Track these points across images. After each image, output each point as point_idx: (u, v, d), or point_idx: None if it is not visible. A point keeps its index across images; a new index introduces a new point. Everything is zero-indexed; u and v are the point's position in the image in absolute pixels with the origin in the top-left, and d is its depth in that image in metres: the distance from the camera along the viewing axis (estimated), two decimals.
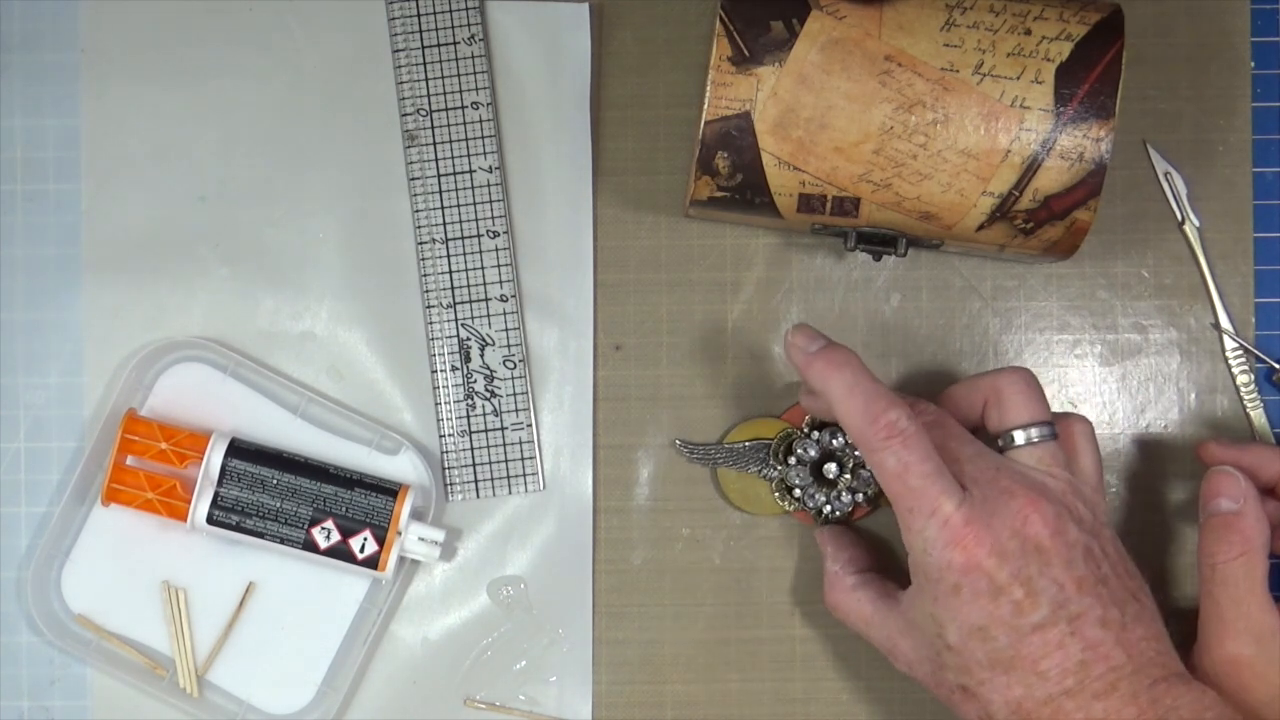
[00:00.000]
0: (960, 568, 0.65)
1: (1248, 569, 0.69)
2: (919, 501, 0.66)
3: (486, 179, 0.76)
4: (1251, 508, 0.69)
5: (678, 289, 0.77)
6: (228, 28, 0.76)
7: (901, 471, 0.66)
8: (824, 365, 0.68)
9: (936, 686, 0.68)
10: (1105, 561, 0.67)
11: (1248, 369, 0.77)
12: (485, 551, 0.77)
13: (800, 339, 0.69)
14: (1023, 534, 0.65)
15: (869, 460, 0.67)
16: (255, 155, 0.77)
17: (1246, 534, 0.69)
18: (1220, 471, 0.70)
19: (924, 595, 0.67)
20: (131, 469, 0.74)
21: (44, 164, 0.76)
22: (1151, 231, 0.77)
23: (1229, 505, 0.69)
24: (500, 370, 0.76)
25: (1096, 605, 0.65)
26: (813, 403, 0.74)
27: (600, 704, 0.76)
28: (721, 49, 0.68)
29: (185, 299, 0.76)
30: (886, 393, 0.67)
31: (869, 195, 0.69)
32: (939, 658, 0.67)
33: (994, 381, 0.70)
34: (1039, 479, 0.67)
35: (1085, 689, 0.65)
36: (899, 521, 0.67)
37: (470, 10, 0.76)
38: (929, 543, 0.66)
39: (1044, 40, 0.68)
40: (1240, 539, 0.69)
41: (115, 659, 0.75)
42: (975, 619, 0.65)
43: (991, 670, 0.66)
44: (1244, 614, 0.68)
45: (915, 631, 0.68)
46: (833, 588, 0.73)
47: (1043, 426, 0.69)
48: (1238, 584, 0.68)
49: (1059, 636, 0.65)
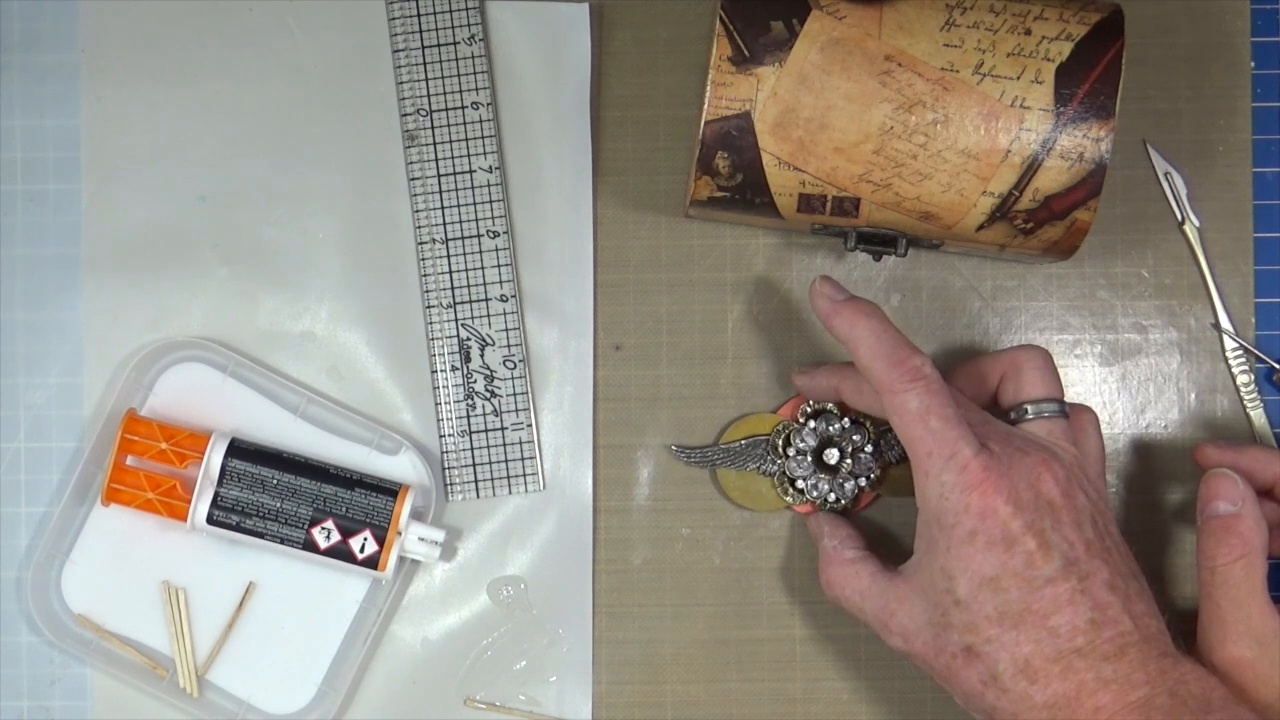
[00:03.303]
0: (977, 511, 0.65)
1: (1247, 571, 0.69)
2: (939, 444, 0.66)
3: (486, 179, 0.76)
4: (1250, 510, 0.69)
5: (678, 289, 0.77)
6: (228, 28, 0.76)
7: (924, 414, 0.66)
8: (852, 312, 0.69)
9: (936, 654, 0.68)
10: (1109, 536, 0.67)
11: (1248, 369, 0.77)
12: (485, 551, 0.77)
13: (827, 287, 0.70)
14: (1037, 488, 0.66)
15: (889, 404, 0.67)
16: (255, 155, 0.77)
17: (1245, 536, 0.69)
18: (1218, 474, 0.70)
19: (935, 547, 0.67)
20: (131, 469, 0.74)
21: (44, 164, 0.76)
22: (1151, 231, 0.77)
23: (1227, 508, 0.69)
24: (500, 370, 0.76)
25: (1104, 568, 0.66)
26: (809, 382, 0.74)
27: (600, 704, 0.76)
28: (721, 49, 0.68)
29: (185, 299, 0.76)
30: (909, 342, 0.68)
31: (869, 195, 0.69)
32: (945, 617, 0.67)
33: (1013, 356, 0.71)
34: (1050, 446, 0.68)
35: (1095, 649, 0.65)
36: (914, 469, 0.67)
37: (470, 10, 0.76)
38: (946, 486, 0.66)
39: (1044, 40, 0.68)
40: (1239, 541, 0.69)
41: (115, 659, 0.75)
42: (987, 569, 0.65)
43: (1000, 625, 0.65)
44: (1244, 616, 0.68)
45: (918, 596, 0.68)
46: (830, 562, 0.72)
47: (1056, 403, 0.70)
48: (1238, 586, 0.68)
49: (1069, 592, 0.65)
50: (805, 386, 0.75)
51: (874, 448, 0.75)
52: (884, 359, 0.68)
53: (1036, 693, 0.65)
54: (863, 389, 0.72)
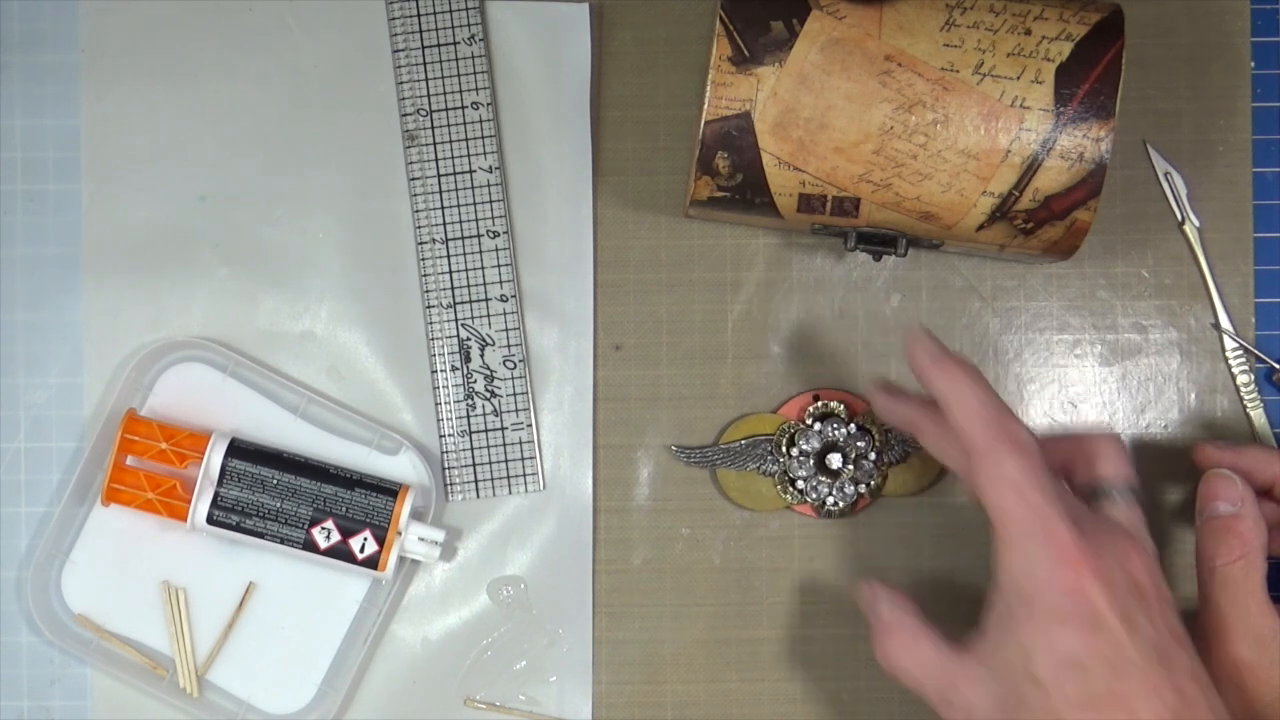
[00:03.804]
0: (1065, 588, 0.63)
1: (1247, 571, 0.68)
2: (1033, 518, 0.63)
3: (486, 179, 0.76)
4: (1249, 510, 0.69)
5: (678, 289, 0.77)
6: (228, 28, 0.76)
7: (1019, 484, 0.64)
8: (954, 369, 0.66)
9: None
10: (1181, 627, 0.65)
11: (1248, 369, 0.77)
12: (485, 551, 0.77)
13: (927, 341, 0.67)
14: (1127, 570, 0.64)
15: (981, 468, 0.65)
16: (255, 155, 0.77)
17: (1245, 537, 0.69)
18: (1217, 474, 0.70)
19: (1014, 622, 0.64)
20: (131, 469, 0.74)
21: (44, 164, 0.76)
22: (1151, 231, 0.77)
23: (1227, 508, 0.69)
24: (500, 370, 0.76)
25: (1186, 658, 0.64)
26: (891, 405, 0.71)
27: (600, 704, 0.76)
28: (721, 49, 0.68)
29: (185, 299, 0.76)
30: (1009, 408, 0.66)
31: (869, 195, 0.69)
32: (1019, 697, 0.63)
33: (1090, 440, 0.68)
34: (1132, 531, 0.66)
35: None
36: (998, 539, 0.64)
37: (470, 10, 0.76)
38: (1034, 560, 0.63)
39: (1044, 40, 0.68)
40: (1239, 542, 0.69)
41: (115, 659, 0.75)
42: (1072, 649, 0.63)
43: (1082, 710, 0.62)
44: (1244, 616, 0.68)
45: (988, 672, 0.65)
46: (891, 633, 0.68)
47: (1134, 490, 0.68)
48: (1238, 587, 0.68)
49: (1155, 682, 0.62)
50: (885, 409, 0.72)
51: (876, 455, 0.75)
52: (983, 422, 0.65)
53: None
54: (946, 437, 0.68)
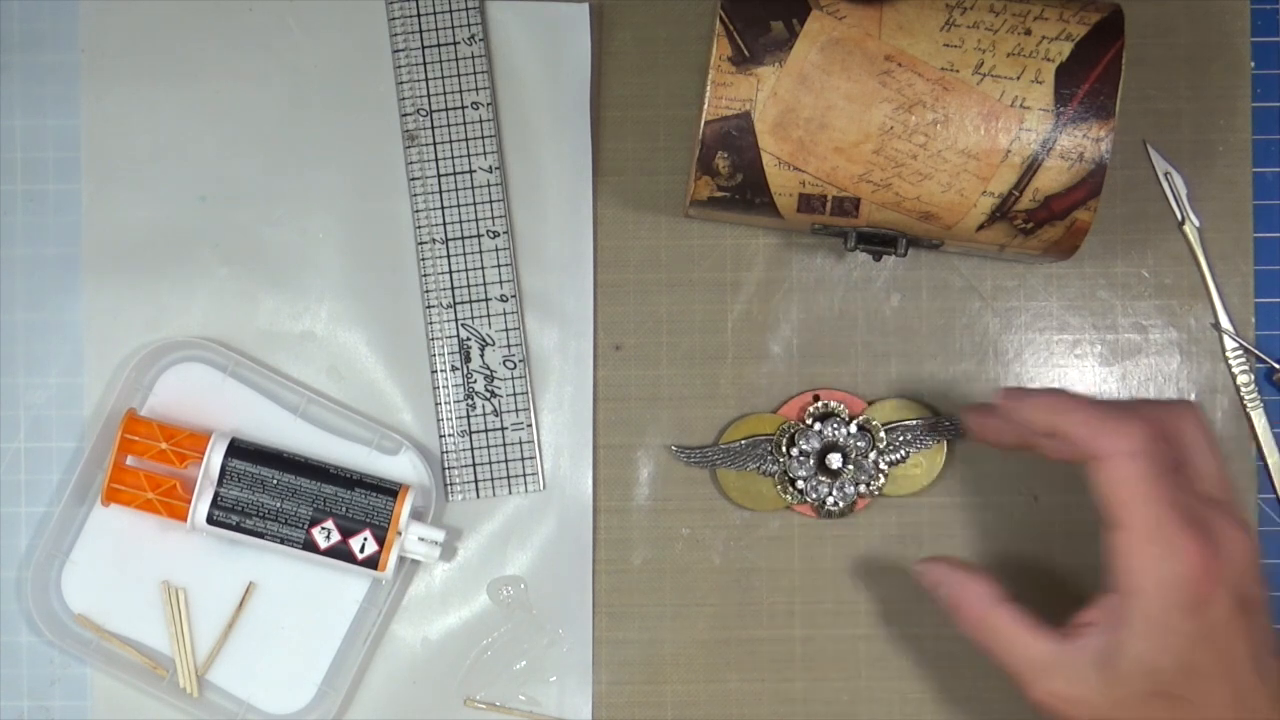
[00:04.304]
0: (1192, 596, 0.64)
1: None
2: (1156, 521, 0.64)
3: (486, 179, 0.76)
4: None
5: (678, 289, 0.77)
6: (228, 28, 0.76)
7: (1141, 486, 0.64)
8: (1051, 399, 0.67)
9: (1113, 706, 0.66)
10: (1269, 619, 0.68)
11: (1248, 369, 0.77)
12: (485, 551, 0.77)
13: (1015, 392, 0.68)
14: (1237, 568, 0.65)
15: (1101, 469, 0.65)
16: (255, 155, 0.77)
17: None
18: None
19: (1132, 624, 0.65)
20: (131, 469, 0.74)
21: (44, 164, 0.76)
22: (1151, 231, 0.77)
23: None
24: (500, 370, 0.76)
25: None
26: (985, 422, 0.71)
27: (600, 704, 0.76)
28: (721, 49, 0.68)
29: (185, 299, 0.76)
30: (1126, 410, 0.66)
31: (869, 195, 0.69)
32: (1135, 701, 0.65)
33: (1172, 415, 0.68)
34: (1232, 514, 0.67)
35: None
36: (1119, 538, 0.65)
37: (470, 10, 0.76)
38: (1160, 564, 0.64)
39: (1044, 40, 0.68)
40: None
41: (115, 659, 0.75)
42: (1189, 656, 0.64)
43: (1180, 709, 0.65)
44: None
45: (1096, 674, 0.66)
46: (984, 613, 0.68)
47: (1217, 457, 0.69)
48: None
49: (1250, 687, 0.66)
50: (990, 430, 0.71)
51: (877, 455, 0.75)
52: (1102, 424, 0.65)
53: None
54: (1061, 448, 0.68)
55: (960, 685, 0.76)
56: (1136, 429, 0.65)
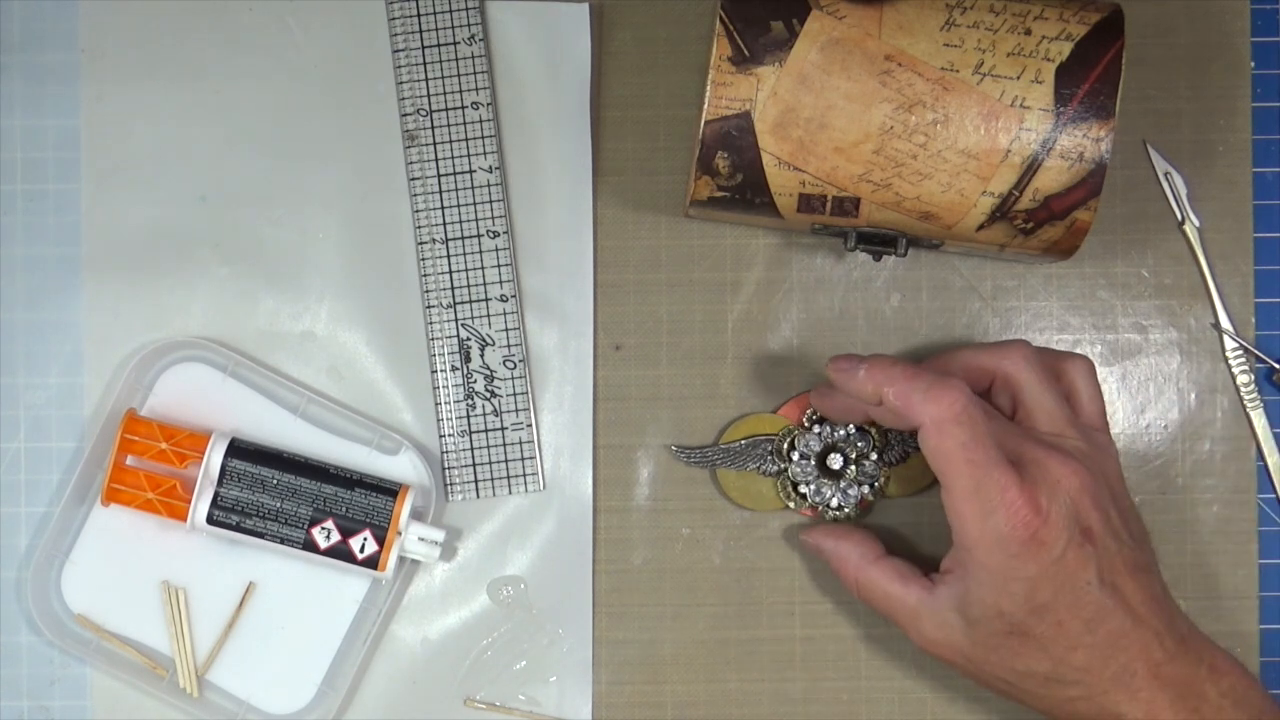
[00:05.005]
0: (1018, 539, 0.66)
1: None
2: (977, 473, 0.66)
3: (486, 179, 0.76)
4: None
5: (678, 289, 0.77)
6: (228, 28, 0.76)
7: (960, 446, 0.67)
8: (874, 370, 0.69)
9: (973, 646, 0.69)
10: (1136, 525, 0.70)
11: (1248, 369, 0.77)
12: (485, 551, 0.77)
13: (843, 362, 0.70)
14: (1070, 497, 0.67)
15: (925, 437, 0.67)
16: (255, 155, 0.77)
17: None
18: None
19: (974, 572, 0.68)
20: (131, 469, 0.74)
21: (44, 164, 0.76)
22: (1151, 231, 0.77)
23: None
24: (500, 370, 0.76)
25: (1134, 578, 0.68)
26: (829, 402, 0.74)
27: (600, 704, 0.76)
28: (721, 49, 0.68)
29: (185, 299, 0.76)
30: (942, 376, 0.68)
31: (869, 195, 0.69)
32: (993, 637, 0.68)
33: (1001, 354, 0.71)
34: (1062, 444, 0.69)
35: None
36: (947, 494, 0.67)
37: (470, 10, 0.76)
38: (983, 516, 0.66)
39: (1044, 40, 0.68)
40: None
41: (115, 659, 0.75)
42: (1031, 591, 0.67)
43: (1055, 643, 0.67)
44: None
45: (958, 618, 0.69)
46: (859, 568, 0.72)
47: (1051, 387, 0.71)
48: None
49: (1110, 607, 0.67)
50: (824, 406, 0.74)
51: (878, 454, 0.75)
52: (920, 394, 0.67)
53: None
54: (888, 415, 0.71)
55: (960, 685, 0.76)
56: (949, 394, 0.67)
